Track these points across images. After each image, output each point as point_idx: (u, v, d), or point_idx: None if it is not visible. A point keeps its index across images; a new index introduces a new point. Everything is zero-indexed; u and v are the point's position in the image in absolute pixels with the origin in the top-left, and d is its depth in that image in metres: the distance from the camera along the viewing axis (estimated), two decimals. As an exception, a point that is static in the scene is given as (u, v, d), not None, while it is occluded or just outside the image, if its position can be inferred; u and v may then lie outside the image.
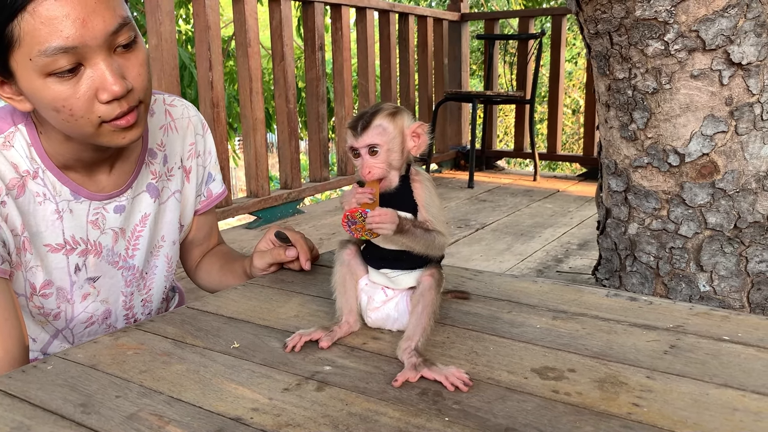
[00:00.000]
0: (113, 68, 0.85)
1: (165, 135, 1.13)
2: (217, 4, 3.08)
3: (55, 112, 0.86)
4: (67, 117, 0.86)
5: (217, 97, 3.05)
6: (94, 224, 1.03)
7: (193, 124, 1.18)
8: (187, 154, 1.17)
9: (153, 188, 1.10)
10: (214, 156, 1.23)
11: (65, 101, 0.85)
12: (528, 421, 0.67)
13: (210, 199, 1.23)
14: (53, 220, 0.99)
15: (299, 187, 3.67)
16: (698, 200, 1.41)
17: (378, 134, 0.86)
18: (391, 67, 4.43)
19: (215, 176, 1.24)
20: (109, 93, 0.85)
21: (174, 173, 1.14)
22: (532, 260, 2.77)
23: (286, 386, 0.75)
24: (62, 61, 0.82)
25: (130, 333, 0.92)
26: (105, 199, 1.03)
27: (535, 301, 1.02)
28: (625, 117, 1.49)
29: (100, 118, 0.87)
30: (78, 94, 0.85)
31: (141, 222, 1.09)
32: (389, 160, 0.86)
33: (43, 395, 0.74)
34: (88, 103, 0.85)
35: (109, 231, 1.05)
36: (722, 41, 1.32)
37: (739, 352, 0.83)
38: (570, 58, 9.33)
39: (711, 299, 1.45)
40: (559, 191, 4.22)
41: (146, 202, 1.09)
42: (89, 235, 1.03)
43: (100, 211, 1.03)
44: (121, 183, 1.06)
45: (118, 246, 1.07)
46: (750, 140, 1.35)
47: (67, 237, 1.01)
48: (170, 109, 1.15)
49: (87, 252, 1.04)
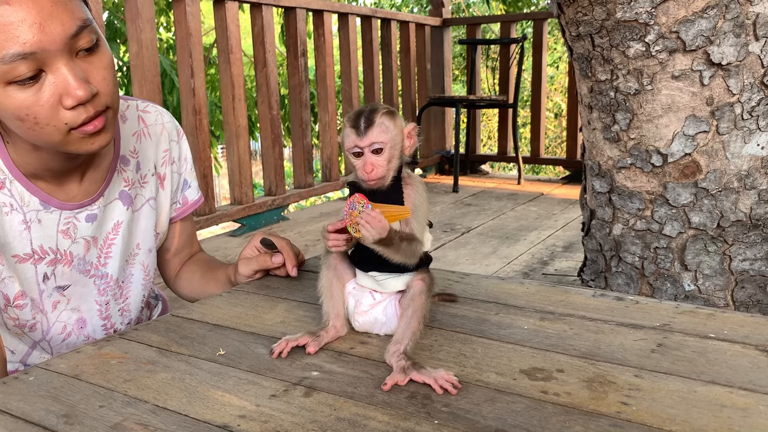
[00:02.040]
0: (76, 72, 0.83)
1: (138, 142, 1.11)
2: (198, 11, 3.06)
3: (19, 121, 0.84)
4: (32, 125, 0.84)
5: (199, 104, 3.04)
6: (65, 234, 1.01)
7: (167, 131, 1.16)
8: (161, 160, 1.15)
9: (126, 196, 1.08)
10: (190, 163, 1.21)
11: (28, 109, 0.82)
12: (517, 422, 0.67)
13: (186, 206, 1.22)
14: (20, 231, 0.97)
15: (283, 194, 3.65)
16: (681, 200, 1.42)
17: (382, 132, 0.84)
18: (374, 73, 4.44)
19: (191, 183, 1.22)
20: (73, 98, 0.83)
21: (147, 180, 1.12)
22: (517, 263, 2.78)
23: (274, 392, 0.75)
24: (22, 67, 0.80)
25: (114, 342, 0.91)
26: (76, 208, 1.01)
27: (522, 302, 1.02)
28: (607, 118, 1.50)
29: (67, 125, 0.84)
30: (41, 102, 0.82)
31: (113, 230, 1.08)
32: (390, 158, 0.85)
33: (25, 407, 0.73)
34: (52, 110, 0.83)
35: (80, 240, 1.03)
36: (702, 42, 1.33)
37: (725, 349, 0.84)
38: (551, 63, 9.40)
39: (696, 298, 1.45)
40: (543, 194, 4.24)
41: (119, 209, 1.08)
42: (59, 244, 1.01)
43: (71, 221, 1.01)
44: (93, 191, 1.04)
45: (90, 255, 1.05)
46: (731, 140, 1.36)
47: (35, 247, 0.99)
48: (143, 115, 1.13)
49: (56, 261, 1.02)
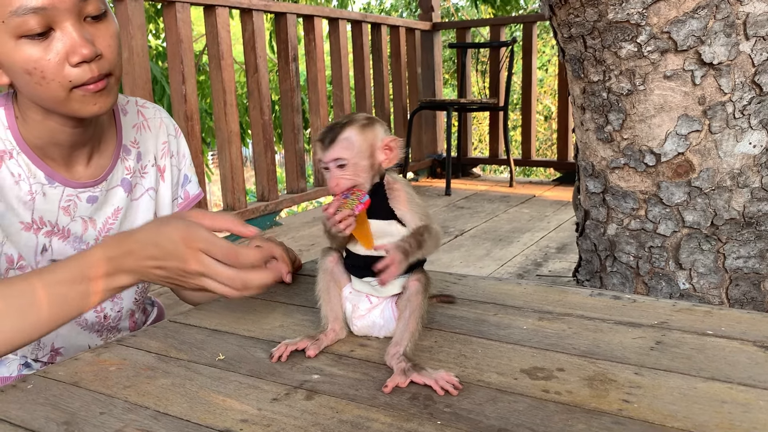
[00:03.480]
0: (82, 33, 0.89)
1: (138, 133, 1.15)
2: (188, 17, 3.06)
3: (27, 75, 0.89)
4: (39, 80, 0.89)
5: (191, 110, 3.03)
6: (66, 210, 1.05)
7: (165, 125, 1.20)
8: (161, 152, 1.19)
9: (126, 183, 1.12)
10: (189, 158, 1.25)
11: (36, 63, 0.88)
12: (520, 422, 0.67)
13: (187, 200, 1.24)
14: (27, 201, 1.01)
15: (276, 199, 3.65)
16: (675, 199, 1.43)
17: (344, 148, 0.84)
18: (365, 77, 4.44)
19: (191, 178, 1.25)
20: (78, 55, 0.88)
21: (147, 171, 1.16)
22: (511, 265, 2.78)
23: (275, 396, 0.74)
24: (32, 22, 0.85)
25: (112, 349, 0.90)
26: (79, 187, 1.05)
27: (520, 302, 1.02)
28: (600, 119, 1.51)
29: (71, 82, 0.89)
30: (49, 56, 0.88)
31: (113, 215, 1.11)
32: (357, 172, 0.85)
33: (24, 415, 0.72)
34: (58, 66, 0.88)
35: (78, 219, 1.07)
36: (693, 42, 1.34)
37: (724, 345, 0.84)
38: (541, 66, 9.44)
39: (691, 297, 1.46)
40: (535, 196, 4.26)
41: (119, 196, 1.11)
42: (59, 220, 1.05)
43: (73, 199, 1.05)
44: (97, 175, 1.08)
45: (87, 235, 1.09)
46: (723, 138, 1.37)
47: (35, 217, 1.02)
48: (142, 110, 1.18)
49: (52, 234, 1.05)
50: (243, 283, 0.81)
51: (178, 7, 2.97)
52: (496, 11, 7.97)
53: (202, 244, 0.80)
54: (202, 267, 0.80)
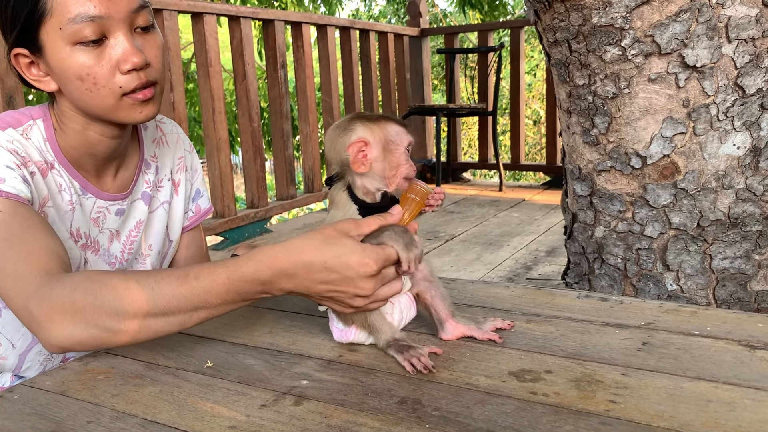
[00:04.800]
0: (133, 42, 0.92)
1: (157, 148, 1.18)
2: (176, 24, 3.06)
3: (80, 81, 0.92)
4: (90, 86, 0.92)
5: (179, 118, 3.03)
6: (95, 222, 1.07)
7: (181, 140, 1.23)
8: (177, 167, 1.21)
9: (147, 196, 1.15)
10: (200, 173, 1.28)
11: (90, 69, 0.91)
12: (508, 424, 0.68)
13: (198, 214, 1.26)
14: (67, 211, 1.03)
15: (266, 206, 3.64)
16: (661, 201, 1.44)
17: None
18: (354, 84, 4.45)
19: (203, 192, 1.27)
20: (129, 63, 0.91)
21: (164, 185, 1.18)
22: (501, 269, 2.79)
23: (264, 402, 0.74)
24: (88, 30, 0.89)
25: (100, 357, 0.90)
26: (109, 200, 1.08)
27: (509, 305, 1.03)
28: (586, 122, 1.52)
29: (121, 88, 0.93)
30: (101, 63, 0.91)
31: (136, 227, 1.13)
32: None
33: (11, 425, 0.72)
34: (110, 73, 0.92)
35: (106, 231, 1.09)
36: (677, 45, 1.35)
37: (709, 345, 0.85)
38: (529, 70, 9.48)
39: (678, 298, 1.47)
40: (524, 200, 4.27)
41: (140, 208, 1.14)
42: (91, 231, 1.07)
43: (103, 211, 1.07)
44: (124, 188, 1.10)
45: (114, 247, 1.10)
46: (708, 140, 1.38)
47: (73, 229, 1.04)
48: (160, 125, 1.21)
49: (87, 247, 1.06)
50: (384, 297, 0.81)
51: (166, 15, 2.97)
52: (484, 17, 8.01)
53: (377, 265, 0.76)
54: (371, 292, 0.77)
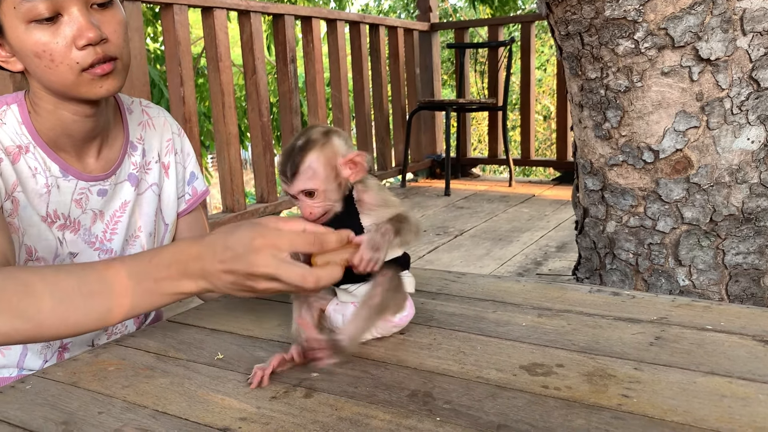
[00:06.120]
0: (88, 18, 0.93)
1: (143, 130, 1.19)
2: (186, 19, 3.06)
3: (37, 59, 0.94)
4: (48, 63, 0.93)
5: (189, 113, 3.03)
6: (78, 203, 1.08)
7: (168, 123, 1.24)
8: (165, 150, 1.22)
9: (133, 178, 1.16)
10: (194, 156, 1.29)
11: (45, 46, 0.92)
12: (519, 417, 0.67)
13: (195, 196, 1.28)
14: (42, 193, 1.04)
15: (275, 201, 3.65)
16: (674, 195, 1.43)
17: (309, 179, 0.81)
18: (363, 79, 4.44)
19: (198, 175, 1.29)
20: (84, 38, 0.92)
21: (152, 167, 1.19)
22: (511, 264, 2.78)
23: (274, 394, 0.74)
24: (41, 7, 0.90)
25: (111, 349, 0.90)
26: (91, 181, 1.08)
27: (519, 300, 1.02)
28: (598, 116, 1.51)
29: (78, 64, 0.93)
30: (57, 40, 0.92)
31: (121, 208, 1.14)
32: (327, 197, 0.82)
33: (23, 415, 0.72)
34: (66, 49, 0.93)
35: (89, 211, 1.10)
36: (690, 38, 1.34)
37: (723, 340, 0.84)
38: (539, 65, 9.44)
39: (690, 293, 1.46)
40: (534, 196, 4.26)
41: (127, 189, 1.14)
42: (71, 212, 1.08)
43: (85, 192, 1.08)
44: (107, 168, 1.11)
45: (96, 228, 1.11)
46: (721, 134, 1.37)
47: (50, 210, 1.05)
48: (146, 109, 1.22)
49: (65, 227, 1.07)
50: (316, 280, 0.75)
51: (176, 9, 2.97)
52: (494, 11, 7.98)
53: (275, 240, 0.75)
54: (272, 269, 0.74)
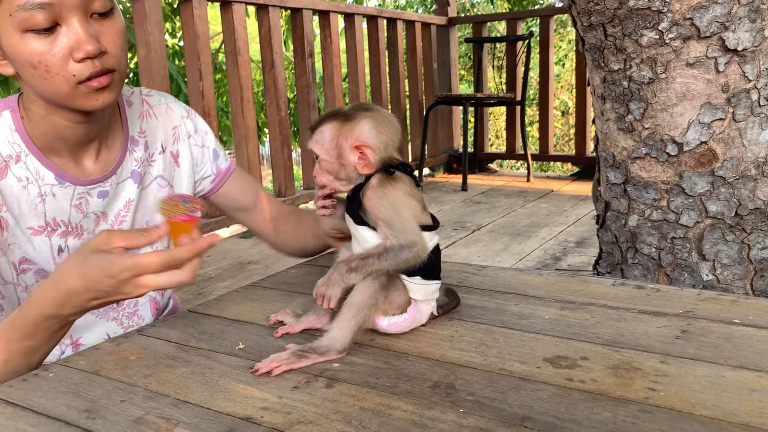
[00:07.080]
0: (87, 29, 0.89)
1: (144, 122, 1.15)
2: (205, 13, 3.07)
3: (32, 68, 0.90)
4: (43, 73, 0.89)
5: (208, 107, 3.04)
6: (78, 208, 1.05)
7: (171, 110, 1.19)
8: (172, 139, 1.18)
9: (137, 174, 1.12)
10: (211, 134, 1.24)
11: (41, 57, 0.88)
12: (544, 410, 0.66)
13: (220, 175, 1.24)
14: (36, 204, 1.01)
15: (293, 195, 3.65)
16: (698, 189, 1.41)
17: (316, 142, 0.84)
18: (380, 73, 4.43)
19: (219, 152, 1.24)
20: (82, 51, 0.88)
21: (155, 159, 1.15)
22: (530, 259, 2.76)
23: (296, 384, 0.74)
24: (39, 17, 0.86)
25: (132, 338, 0.90)
26: (89, 185, 1.05)
27: (542, 293, 1.01)
28: (621, 108, 1.49)
29: (75, 77, 0.90)
30: (53, 51, 0.88)
31: (125, 207, 1.11)
32: (329, 170, 0.83)
33: (46, 402, 0.72)
34: (62, 61, 0.89)
35: (91, 215, 1.07)
36: (717, 28, 1.32)
37: (752, 334, 0.82)
38: (557, 61, 9.36)
39: (714, 288, 1.44)
40: (553, 191, 4.22)
41: (130, 188, 1.11)
42: (71, 218, 1.05)
43: (84, 196, 1.05)
44: (106, 170, 1.08)
45: (99, 229, 1.09)
46: (748, 126, 1.34)
47: (48, 219, 1.03)
48: (146, 98, 1.17)
49: (67, 233, 1.05)
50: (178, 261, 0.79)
51: (195, 3, 2.98)
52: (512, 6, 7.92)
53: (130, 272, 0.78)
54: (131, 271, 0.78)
